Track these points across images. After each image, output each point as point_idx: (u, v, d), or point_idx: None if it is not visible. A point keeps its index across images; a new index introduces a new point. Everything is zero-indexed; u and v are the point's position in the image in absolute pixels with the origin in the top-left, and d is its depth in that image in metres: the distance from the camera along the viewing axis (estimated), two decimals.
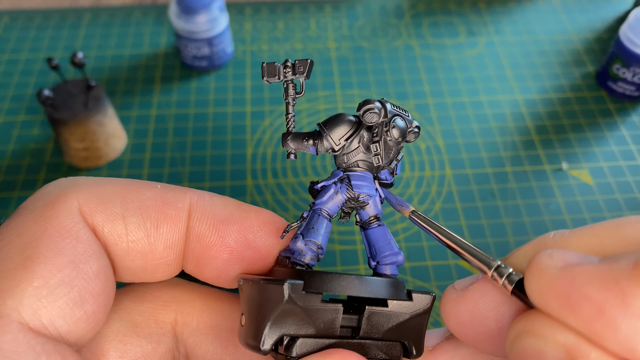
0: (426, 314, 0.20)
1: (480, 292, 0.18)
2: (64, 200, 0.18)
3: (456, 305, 0.19)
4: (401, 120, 0.21)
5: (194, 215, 0.20)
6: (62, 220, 0.18)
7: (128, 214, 0.19)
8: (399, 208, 0.21)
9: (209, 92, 0.62)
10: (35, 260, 0.16)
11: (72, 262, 0.17)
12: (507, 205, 0.52)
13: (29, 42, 0.67)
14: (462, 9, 0.72)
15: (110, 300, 0.19)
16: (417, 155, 0.56)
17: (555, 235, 0.18)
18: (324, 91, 0.62)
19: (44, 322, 0.16)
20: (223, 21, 0.61)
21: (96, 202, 0.19)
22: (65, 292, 0.17)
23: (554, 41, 0.68)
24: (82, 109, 0.51)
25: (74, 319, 0.17)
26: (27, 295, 0.16)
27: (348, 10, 0.72)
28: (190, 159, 0.55)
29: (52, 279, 0.16)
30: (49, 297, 0.16)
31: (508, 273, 0.17)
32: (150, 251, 0.20)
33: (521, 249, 0.18)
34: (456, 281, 0.19)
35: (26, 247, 0.17)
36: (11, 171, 0.54)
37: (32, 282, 0.16)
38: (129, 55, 0.66)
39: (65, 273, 0.17)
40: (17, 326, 0.16)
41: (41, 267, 0.16)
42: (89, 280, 0.17)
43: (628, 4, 0.72)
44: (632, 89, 0.60)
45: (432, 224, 0.20)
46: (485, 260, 0.18)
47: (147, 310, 0.21)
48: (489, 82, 0.63)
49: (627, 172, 0.55)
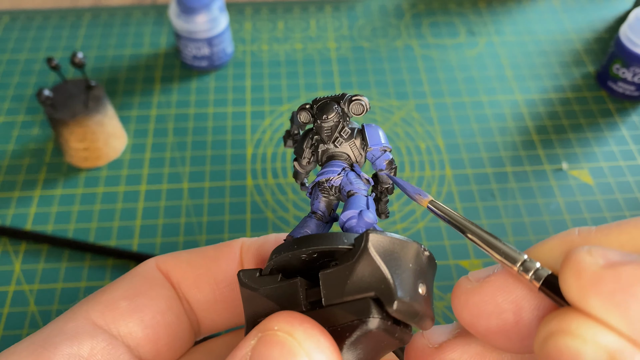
0: (364, 254, 0.17)
1: (498, 284, 0.17)
2: (144, 262, 0.23)
3: (471, 297, 0.18)
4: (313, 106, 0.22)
5: (244, 251, 0.24)
6: (137, 268, 0.23)
7: (192, 257, 0.23)
8: (416, 197, 0.20)
9: (209, 92, 0.62)
10: (110, 286, 0.22)
11: (136, 288, 0.21)
12: (507, 205, 0.52)
13: (29, 42, 0.67)
14: (462, 9, 0.72)
15: (175, 328, 0.22)
16: (417, 155, 0.56)
17: (581, 231, 0.17)
18: (324, 91, 0.62)
19: (106, 322, 0.20)
20: (223, 21, 0.61)
21: (167, 257, 0.23)
22: (126, 303, 0.21)
23: (554, 41, 0.68)
24: (82, 109, 0.51)
25: (129, 322, 0.21)
26: (97, 303, 0.21)
27: (348, 10, 0.72)
28: (190, 159, 0.55)
29: (117, 295, 0.21)
30: (112, 305, 0.20)
31: (535, 268, 0.16)
32: (215, 282, 0.22)
33: (545, 244, 0.18)
34: (470, 272, 0.19)
35: (108, 285, 0.22)
36: (11, 171, 0.54)
37: (103, 296, 0.21)
38: (129, 55, 0.66)
39: (130, 292, 0.21)
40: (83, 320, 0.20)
41: (111, 288, 0.21)
42: (147, 299, 0.21)
43: (628, 4, 0.72)
44: (632, 89, 0.60)
45: (452, 214, 0.19)
46: (510, 254, 0.17)
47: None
48: (489, 82, 0.63)
49: (627, 172, 0.55)
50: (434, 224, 0.51)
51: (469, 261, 0.48)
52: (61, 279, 0.47)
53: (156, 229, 0.50)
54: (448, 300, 0.46)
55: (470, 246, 0.49)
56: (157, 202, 0.52)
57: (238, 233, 0.50)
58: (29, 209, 0.51)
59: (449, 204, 0.52)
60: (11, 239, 0.49)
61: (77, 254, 0.49)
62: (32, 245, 0.49)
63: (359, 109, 0.22)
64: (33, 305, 0.46)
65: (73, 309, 0.21)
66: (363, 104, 0.22)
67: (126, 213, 0.51)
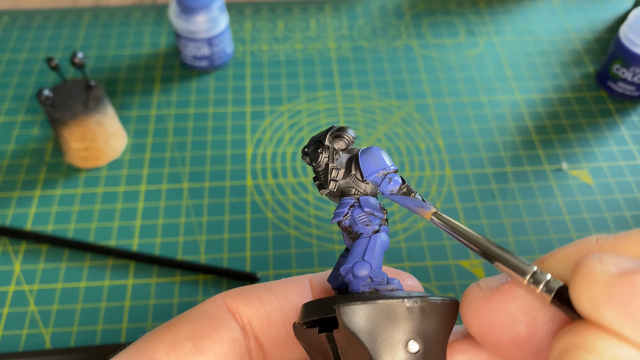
0: (342, 329, 0.17)
1: (511, 294, 0.16)
2: (212, 298, 0.23)
3: (481, 306, 0.17)
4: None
5: (313, 284, 0.23)
6: (204, 305, 0.22)
7: (262, 293, 0.23)
8: (419, 211, 0.20)
9: (209, 92, 0.62)
10: (175, 323, 0.21)
11: (201, 328, 0.21)
12: (507, 205, 0.52)
13: (29, 42, 0.67)
14: (462, 9, 0.72)
15: None
16: (417, 155, 0.56)
17: (599, 239, 0.16)
18: (324, 91, 0.62)
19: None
20: (223, 21, 0.61)
21: (236, 293, 0.23)
22: (190, 345, 0.20)
23: (554, 41, 0.68)
24: (82, 109, 0.51)
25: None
26: (162, 342, 0.20)
27: (348, 10, 0.72)
28: (190, 159, 0.55)
29: (181, 335, 0.21)
30: (176, 346, 0.20)
31: (546, 280, 0.16)
32: (287, 318, 0.22)
33: (559, 253, 0.17)
34: (481, 279, 0.18)
35: (174, 319, 0.22)
36: (11, 171, 0.54)
37: (168, 335, 0.21)
38: (129, 55, 0.66)
39: (195, 333, 0.21)
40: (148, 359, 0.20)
41: (176, 327, 0.21)
42: (212, 342, 0.21)
43: (628, 4, 0.72)
44: (632, 89, 0.60)
45: (456, 226, 0.18)
46: (519, 266, 0.16)
47: None
48: (489, 82, 0.63)
49: (627, 172, 0.55)
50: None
51: (469, 261, 0.48)
52: (61, 279, 0.47)
53: (156, 229, 0.50)
54: None
55: None
56: (157, 202, 0.52)
57: (238, 233, 0.50)
58: (29, 209, 0.51)
59: (449, 203, 0.52)
60: (11, 239, 0.49)
61: (77, 254, 0.49)
62: (32, 245, 0.49)
63: (342, 145, 0.21)
64: (33, 305, 0.46)
65: (139, 346, 0.21)
66: (345, 140, 0.20)
67: (126, 213, 0.51)
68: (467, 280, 0.47)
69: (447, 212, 0.52)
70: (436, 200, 0.52)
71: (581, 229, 0.51)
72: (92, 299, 0.46)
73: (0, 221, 0.51)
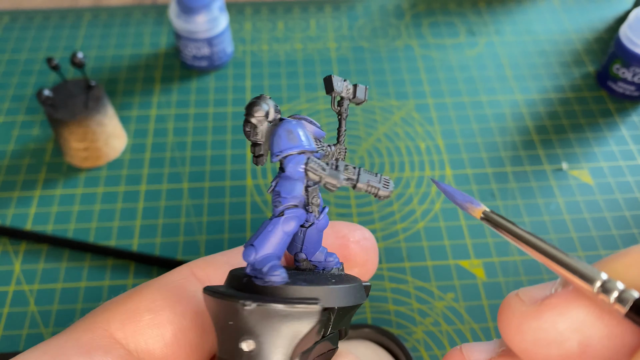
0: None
1: (560, 309, 0.15)
2: (178, 267, 0.22)
3: (526, 322, 0.15)
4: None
5: None
6: (170, 276, 0.21)
7: (231, 259, 0.22)
8: (467, 207, 0.18)
9: (209, 92, 0.62)
10: (136, 293, 0.20)
11: (163, 299, 0.20)
12: (507, 205, 0.52)
13: (29, 42, 0.67)
14: (462, 9, 0.72)
15: (195, 348, 0.20)
16: (417, 155, 0.56)
17: None
18: (324, 91, 0.62)
19: (125, 335, 0.19)
20: (223, 21, 0.61)
21: (204, 262, 0.22)
22: (149, 317, 0.19)
23: (554, 41, 0.68)
24: (82, 109, 0.51)
25: (149, 338, 0.19)
26: (119, 312, 0.19)
27: (348, 10, 0.72)
28: (190, 159, 0.55)
29: (141, 306, 0.19)
30: (134, 317, 0.19)
31: (620, 290, 0.14)
32: None
33: (620, 259, 0.15)
34: (521, 289, 0.16)
35: (135, 288, 0.20)
36: (11, 171, 0.54)
37: (126, 305, 0.19)
38: (129, 55, 0.66)
39: (156, 304, 0.20)
40: (101, 332, 0.19)
41: (137, 297, 0.20)
42: (172, 314, 0.20)
43: (628, 4, 0.72)
44: (632, 89, 0.60)
45: (510, 227, 0.16)
46: (586, 272, 0.14)
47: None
48: (489, 82, 0.63)
49: (627, 172, 0.55)
50: (434, 224, 0.51)
51: (469, 261, 0.48)
52: (61, 279, 0.47)
53: (156, 229, 0.50)
54: (448, 301, 0.46)
55: (471, 246, 0.49)
56: (157, 202, 0.52)
57: (238, 233, 0.50)
58: (29, 209, 0.51)
59: (450, 203, 0.52)
60: (11, 239, 0.49)
61: (77, 254, 0.49)
62: (32, 245, 0.49)
63: (260, 113, 0.18)
64: (33, 305, 0.46)
65: (95, 315, 0.20)
66: (262, 109, 0.18)
67: (126, 213, 0.51)
68: (467, 280, 0.47)
69: (447, 212, 0.52)
70: (436, 200, 0.53)
71: (581, 229, 0.51)
72: (92, 299, 0.46)
73: (0, 221, 0.51)
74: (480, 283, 0.47)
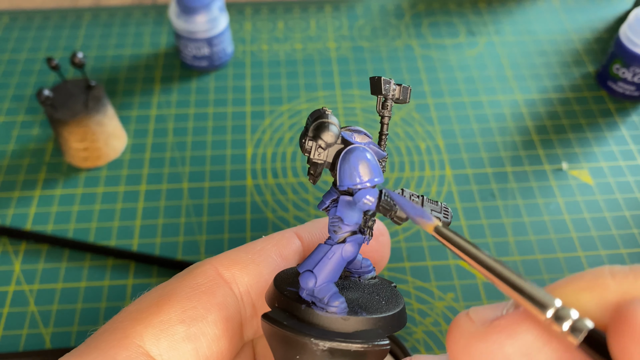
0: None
1: (508, 332, 0.14)
2: (201, 265, 0.21)
3: (473, 343, 0.15)
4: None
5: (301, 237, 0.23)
6: (196, 278, 0.20)
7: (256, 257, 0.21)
8: (419, 221, 0.17)
9: (209, 92, 0.62)
10: (166, 302, 0.19)
11: (194, 308, 0.19)
12: (507, 205, 0.52)
13: (29, 42, 0.67)
14: (462, 9, 0.72)
15: (225, 354, 0.20)
16: (417, 155, 0.56)
17: (615, 275, 0.14)
18: (324, 91, 0.62)
19: (160, 351, 0.18)
20: (223, 21, 0.61)
21: (229, 261, 0.21)
22: (182, 329, 0.19)
23: (554, 41, 0.68)
24: (82, 109, 0.51)
25: (184, 353, 0.19)
26: (152, 325, 0.19)
27: (348, 10, 0.72)
28: (190, 159, 0.55)
29: (173, 316, 0.19)
30: (168, 330, 0.19)
31: (573, 318, 0.13)
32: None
33: (569, 285, 0.14)
34: (472, 308, 0.16)
35: (162, 293, 0.20)
36: (11, 171, 0.54)
37: (159, 316, 0.19)
38: (129, 55, 0.66)
39: (188, 314, 0.19)
40: (136, 348, 0.18)
41: (167, 306, 0.19)
42: (205, 325, 0.19)
43: (628, 4, 0.72)
44: (632, 89, 0.60)
45: (461, 243, 0.16)
46: (540, 298, 0.14)
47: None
48: (489, 82, 0.63)
49: (627, 172, 0.55)
50: None
51: None
52: (61, 279, 0.47)
53: (156, 229, 0.50)
54: (448, 301, 0.46)
55: None
56: (157, 202, 0.52)
57: (238, 233, 0.50)
58: (29, 209, 0.51)
59: (449, 203, 0.52)
60: (11, 239, 0.49)
61: (77, 254, 0.49)
62: (32, 245, 0.49)
63: (331, 138, 0.18)
64: (33, 305, 0.46)
65: (124, 326, 0.19)
66: (333, 133, 0.18)
67: (126, 213, 0.51)
68: (467, 280, 0.47)
69: None
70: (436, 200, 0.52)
71: (581, 229, 0.51)
72: (92, 299, 0.46)
73: (0, 221, 0.51)
74: (480, 283, 0.47)
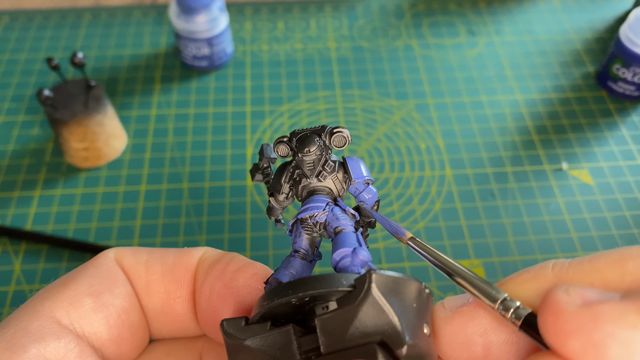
0: (368, 296, 0.16)
1: (469, 316, 0.17)
2: (104, 253, 0.22)
3: (443, 326, 0.18)
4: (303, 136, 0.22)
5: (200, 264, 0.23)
6: (99, 259, 0.22)
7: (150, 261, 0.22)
8: (395, 235, 0.21)
9: (209, 92, 0.62)
10: (72, 280, 0.21)
11: (100, 283, 0.20)
12: (507, 205, 0.52)
13: (29, 42, 0.67)
14: (462, 9, 0.72)
15: (137, 327, 0.21)
16: (417, 155, 0.56)
17: (555, 267, 0.17)
18: (324, 91, 0.62)
19: (71, 321, 0.20)
20: (223, 21, 0.61)
21: (129, 252, 0.22)
22: (90, 301, 0.20)
23: (554, 41, 0.68)
24: (82, 109, 0.51)
25: (94, 322, 0.20)
26: (60, 300, 0.20)
27: (348, 10, 0.72)
28: (190, 159, 0.55)
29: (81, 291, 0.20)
30: (76, 303, 0.20)
31: (515, 307, 0.16)
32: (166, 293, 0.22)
33: (517, 278, 0.18)
34: (446, 298, 0.19)
35: (69, 275, 0.21)
36: (11, 171, 0.54)
37: (66, 292, 0.20)
38: (129, 55, 0.66)
39: (94, 288, 0.20)
40: (47, 318, 0.19)
41: (74, 283, 0.21)
42: (112, 297, 0.20)
43: (628, 4, 0.72)
44: (632, 89, 0.60)
45: (431, 251, 0.19)
46: (490, 292, 0.17)
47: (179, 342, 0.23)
48: (489, 82, 0.63)
49: (627, 172, 0.55)
50: (434, 224, 0.51)
51: (469, 261, 0.48)
52: None
53: (156, 229, 0.50)
54: None
55: (471, 246, 0.49)
56: (157, 202, 0.52)
57: (238, 233, 0.50)
58: (29, 209, 0.51)
59: (449, 203, 0.52)
60: (11, 239, 0.49)
61: (77, 254, 0.49)
62: (32, 245, 0.49)
63: (341, 141, 0.21)
64: None
65: (34, 304, 0.20)
66: (345, 137, 0.21)
67: (126, 213, 0.51)
68: None
69: (447, 212, 0.52)
70: (436, 200, 0.52)
71: (581, 229, 0.51)
72: None
73: (0, 221, 0.51)
74: None
